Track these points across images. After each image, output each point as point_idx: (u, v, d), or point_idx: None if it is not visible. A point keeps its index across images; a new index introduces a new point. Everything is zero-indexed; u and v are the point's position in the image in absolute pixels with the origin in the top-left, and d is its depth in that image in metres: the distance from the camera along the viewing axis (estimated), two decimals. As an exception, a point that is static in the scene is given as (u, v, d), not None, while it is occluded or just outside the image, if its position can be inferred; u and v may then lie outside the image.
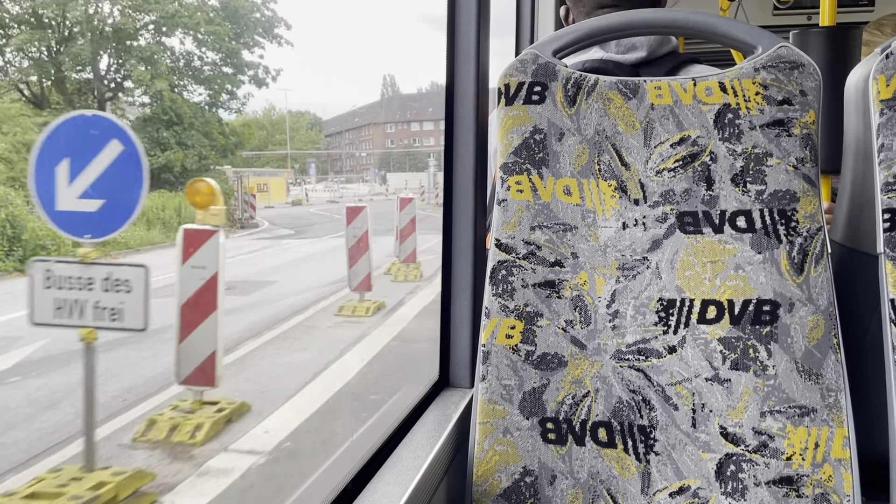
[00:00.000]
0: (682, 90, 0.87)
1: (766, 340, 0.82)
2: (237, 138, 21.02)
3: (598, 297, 0.88)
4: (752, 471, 0.82)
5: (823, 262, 0.83)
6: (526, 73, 0.91)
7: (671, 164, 0.87)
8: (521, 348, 0.88)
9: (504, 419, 0.88)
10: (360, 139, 76.86)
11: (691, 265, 0.85)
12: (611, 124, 0.88)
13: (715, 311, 0.84)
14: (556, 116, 0.90)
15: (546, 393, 0.88)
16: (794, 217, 0.83)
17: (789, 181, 0.84)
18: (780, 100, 0.84)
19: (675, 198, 0.86)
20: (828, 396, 0.81)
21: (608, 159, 0.88)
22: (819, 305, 0.82)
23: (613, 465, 0.86)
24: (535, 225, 0.90)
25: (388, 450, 0.89)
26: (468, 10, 1.05)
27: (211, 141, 19.25)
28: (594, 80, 0.89)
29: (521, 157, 0.90)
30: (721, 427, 0.83)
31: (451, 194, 1.08)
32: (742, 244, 0.84)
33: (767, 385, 0.82)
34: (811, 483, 0.80)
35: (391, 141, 71.84)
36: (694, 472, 0.84)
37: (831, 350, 0.82)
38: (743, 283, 0.83)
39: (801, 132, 0.84)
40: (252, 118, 69.63)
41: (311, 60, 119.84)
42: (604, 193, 0.89)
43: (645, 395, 0.86)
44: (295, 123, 73.65)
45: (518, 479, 0.87)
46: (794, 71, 0.84)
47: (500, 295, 0.89)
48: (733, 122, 0.85)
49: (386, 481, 0.81)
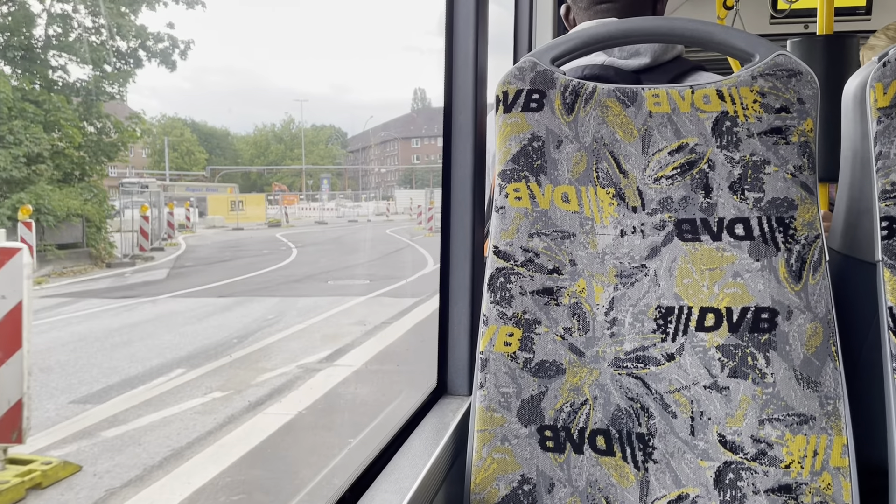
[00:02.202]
0: (679, 98, 0.87)
1: (765, 348, 0.82)
2: (123, 136, 15.11)
3: (596, 305, 0.88)
4: (751, 479, 0.81)
5: (821, 269, 0.83)
6: (524, 80, 0.91)
7: (669, 171, 0.87)
8: (519, 356, 0.88)
9: (502, 427, 0.88)
10: (385, 154, 73.20)
11: (689, 273, 0.85)
12: (609, 132, 0.89)
13: (713, 318, 0.84)
14: (554, 124, 0.90)
15: (544, 400, 0.87)
16: (792, 225, 0.83)
17: (787, 189, 0.84)
18: (777, 108, 0.85)
19: (673, 205, 0.87)
20: (826, 404, 0.81)
21: (606, 167, 0.89)
22: (817, 313, 0.82)
23: (612, 472, 0.86)
24: (534, 232, 0.90)
25: (386, 458, 0.89)
26: (466, 18, 1.06)
27: (63, 138, 13.41)
28: (592, 87, 0.89)
29: (519, 164, 0.90)
30: (720, 435, 0.83)
31: (449, 202, 1.08)
32: (740, 252, 0.84)
33: (766, 393, 0.82)
34: (810, 491, 0.80)
35: (416, 157, 67.71)
36: (693, 480, 0.83)
37: (830, 358, 0.82)
38: (741, 291, 0.84)
39: (798, 140, 0.84)
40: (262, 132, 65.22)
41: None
42: (602, 201, 0.89)
43: (643, 402, 0.85)
44: (314, 137, 70.18)
45: (516, 487, 0.87)
46: (792, 79, 0.85)
47: (499, 302, 0.89)
48: (731, 129, 0.85)
49: (384, 489, 0.81)
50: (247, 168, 61.18)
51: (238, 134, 69.09)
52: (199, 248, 17.60)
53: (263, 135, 66.55)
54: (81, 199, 14.23)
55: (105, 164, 14.77)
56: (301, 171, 62.81)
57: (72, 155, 14.07)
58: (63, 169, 13.64)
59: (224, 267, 13.48)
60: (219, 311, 8.09)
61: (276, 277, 11.40)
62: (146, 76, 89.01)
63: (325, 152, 67.06)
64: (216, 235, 22.38)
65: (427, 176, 61.28)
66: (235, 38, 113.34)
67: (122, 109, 17.45)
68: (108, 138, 14.87)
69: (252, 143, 65.66)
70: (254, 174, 62.30)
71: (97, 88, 14.53)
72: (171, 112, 67.17)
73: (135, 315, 8.06)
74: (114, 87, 14.67)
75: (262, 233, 22.96)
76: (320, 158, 65.35)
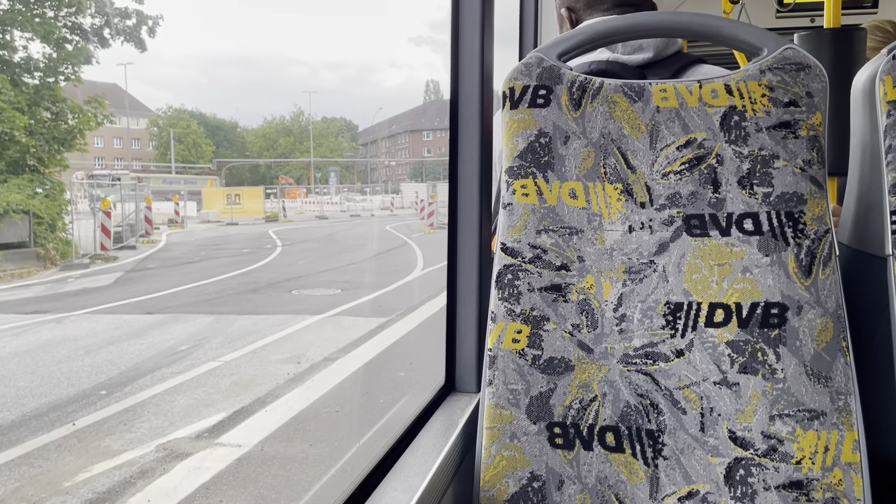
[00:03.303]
0: (687, 93, 0.86)
1: (775, 344, 0.81)
2: (80, 122, 13.43)
3: (604, 301, 0.87)
4: (762, 475, 0.81)
5: (831, 264, 0.82)
6: (531, 76, 0.90)
7: (677, 166, 0.86)
8: (527, 353, 0.87)
9: (511, 424, 0.87)
10: (397, 147, 72.16)
11: (698, 268, 0.85)
12: (616, 127, 0.88)
13: (723, 314, 0.83)
14: (562, 120, 0.89)
15: (553, 397, 0.87)
16: (802, 219, 0.82)
17: (796, 183, 0.83)
18: (786, 101, 0.84)
19: (681, 201, 0.86)
20: (837, 400, 0.80)
21: (614, 162, 0.88)
22: (827, 308, 0.81)
23: (621, 469, 0.85)
24: (541, 229, 0.89)
25: (395, 455, 0.89)
26: (472, 14, 1.06)
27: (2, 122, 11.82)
28: (599, 83, 0.88)
29: (526, 160, 0.89)
30: (730, 431, 0.82)
31: (457, 199, 1.07)
32: (749, 247, 0.83)
33: (776, 389, 0.81)
34: (821, 487, 0.79)
35: (427, 150, 66.53)
36: (703, 477, 0.83)
37: (840, 353, 0.81)
38: (750, 286, 0.83)
39: (807, 134, 0.83)
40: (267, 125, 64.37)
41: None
42: (610, 197, 0.88)
43: (653, 399, 0.85)
44: (324, 130, 69.25)
45: (525, 484, 0.86)
46: (801, 73, 0.84)
47: (507, 299, 0.88)
48: (739, 124, 0.84)
49: (393, 487, 0.80)
50: (254, 161, 60.22)
51: (247, 127, 68.17)
52: (176, 247, 16.11)
53: (272, 127, 65.62)
54: (26, 193, 12.61)
55: (62, 153, 13.20)
56: (309, 164, 61.92)
57: (20, 141, 12.51)
58: (5, 158, 12.11)
59: (188, 270, 11.92)
60: (126, 338, 6.51)
61: (234, 285, 9.84)
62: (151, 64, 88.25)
63: (335, 145, 66.05)
64: (205, 231, 21.05)
65: (437, 169, 60.05)
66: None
67: (118, 94, 15.77)
68: (64, 125, 13.32)
69: (261, 135, 64.76)
70: (262, 167, 61.43)
71: (50, 68, 12.95)
72: (177, 104, 66.11)
73: (17, 342, 6.46)
74: (68, 67, 12.98)
75: (255, 228, 21.67)
76: (330, 151, 64.36)
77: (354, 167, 63.72)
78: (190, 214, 26.09)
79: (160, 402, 4.71)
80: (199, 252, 14.80)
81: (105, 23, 14.23)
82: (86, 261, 13.14)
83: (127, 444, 3.94)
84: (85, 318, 7.31)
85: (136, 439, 4.02)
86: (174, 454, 3.86)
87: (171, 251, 15.17)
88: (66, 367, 5.50)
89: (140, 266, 12.59)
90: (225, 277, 10.53)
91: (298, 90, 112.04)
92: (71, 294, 9.28)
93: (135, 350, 6.04)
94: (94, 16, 13.57)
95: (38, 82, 12.86)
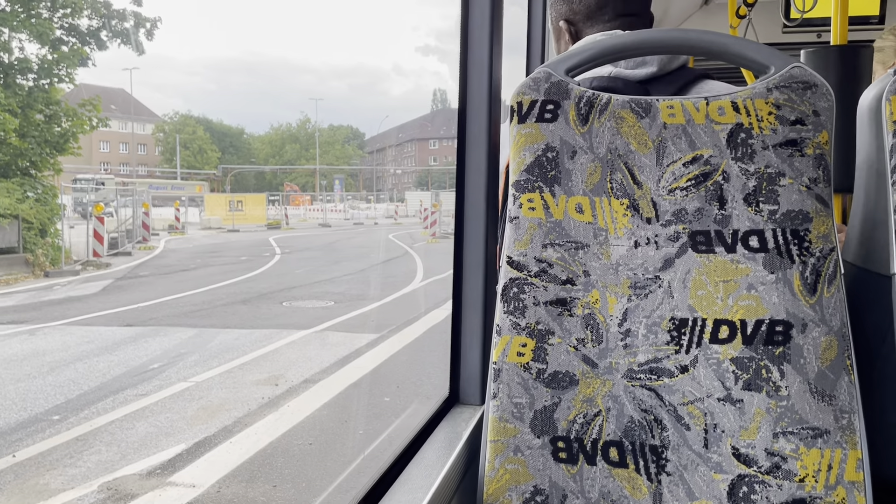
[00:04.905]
0: (694, 109, 0.87)
1: (779, 361, 0.81)
2: (74, 125, 13.06)
3: (609, 316, 0.87)
4: (765, 492, 0.80)
5: (836, 282, 0.82)
6: (539, 91, 0.90)
7: (683, 182, 0.86)
8: (532, 366, 0.87)
9: (515, 437, 0.87)
10: (403, 155, 72.22)
11: (703, 284, 0.84)
12: (623, 143, 0.88)
13: (727, 330, 0.83)
14: (569, 134, 0.89)
15: (557, 411, 0.87)
16: (807, 237, 0.83)
17: (802, 201, 0.83)
18: (792, 120, 0.84)
19: (687, 217, 0.86)
20: (841, 418, 0.80)
21: (620, 178, 0.88)
22: (832, 326, 0.81)
23: (625, 485, 0.85)
24: (547, 243, 0.89)
25: (399, 467, 0.88)
26: (481, 26, 1.06)
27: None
28: (607, 98, 0.89)
29: (533, 174, 0.89)
30: (733, 448, 0.82)
31: (463, 211, 1.08)
32: (755, 264, 0.83)
33: (780, 406, 0.81)
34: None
35: (433, 158, 66.55)
36: (706, 493, 0.82)
37: (844, 371, 0.81)
38: (755, 303, 0.83)
39: (813, 152, 0.84)
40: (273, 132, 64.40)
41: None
42: (616, 212, 0.88)
43: (657, 414, 0.85)
44: (331, 138, 69.35)
45: (529, 498, 0.86)
46: (808, 91, 0.84)
47: (512, 312, 0.88)
48: (746, 141, 0.85)
49: (397, 500, 0.81)
50: (259, 168, 60.15)
51: (253, 133, 68.24)
52: (172, 254, 15.79)
53: (279, 134, 65.62)
54: (15, 197, 12.26)
55: (54, 156, 12.87)
56: (315, 171, 61.88)
57: (10, 144, 12.18)
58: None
59: (180, 278, 11.56)
60: (97, 353, 6.13)
61: (224, 295, 9.45)
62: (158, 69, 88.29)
63: (341, 153, 65.94)
64: (205, 238, 20.78)
65: (443, 178, 59.85)
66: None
67: (119, 97, 15.46)
68: (58, 128, 13.00)
69: (267, 142, 64.75)
70: (268, 174, 61.42)
71: (45, 70, 12.65)
72: (184, 109, 66.12)
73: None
74: (62, 69, 12.66)
75: (256, 236, 21.34)
76: (336, 159, 64.25)
77: (360, 175, 63.58)
78: (192, 220, 25.87)
79: (116, 430, 4.27)
80: (196, 259, 14.48)
81: (103, 25, 13.94)
82: (77, 267, 12.81)
83: (67, 482, 3.49)
84: (59, 331, 6.90)
85: (80, 476, 3.57)
86: (117, 496, 3.41)
87: (167, 258, 14.86)
88: (25, 386, 5.10)
89: (132, 273, 12.25)
90: (216, 287, 10.17)
91: (305, 97, 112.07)
92: (53, 303, 8.90)
93: (103, 367, 5.66)
94: (91, 17, 13.31)
95: (32, 84, 12.56)
